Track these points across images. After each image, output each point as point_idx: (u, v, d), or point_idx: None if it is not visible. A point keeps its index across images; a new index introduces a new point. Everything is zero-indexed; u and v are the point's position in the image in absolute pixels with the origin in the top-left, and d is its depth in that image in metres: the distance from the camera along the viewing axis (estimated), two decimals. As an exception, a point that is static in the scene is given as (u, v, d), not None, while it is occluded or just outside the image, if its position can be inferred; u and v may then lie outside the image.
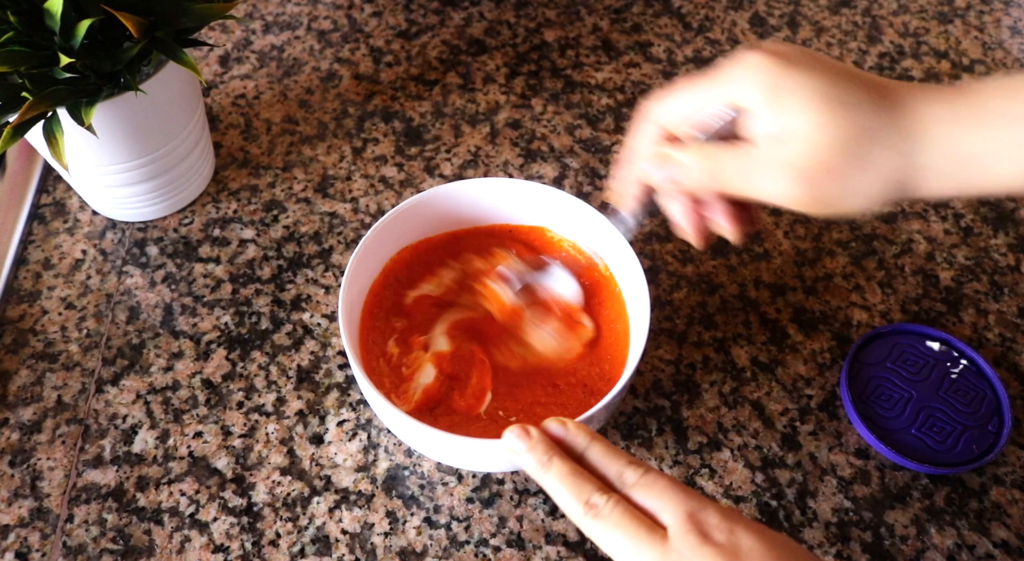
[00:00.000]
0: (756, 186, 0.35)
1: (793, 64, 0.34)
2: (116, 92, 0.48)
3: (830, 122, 0.33)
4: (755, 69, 0.35)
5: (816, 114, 0.33)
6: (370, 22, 0.73)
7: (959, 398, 0.50)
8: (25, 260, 0.57)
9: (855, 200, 0.34)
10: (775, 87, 0.34)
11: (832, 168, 0.34)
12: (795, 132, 0.34)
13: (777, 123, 0.34)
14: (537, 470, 0.35)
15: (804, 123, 0.33)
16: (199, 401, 0.50)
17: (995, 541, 0.46)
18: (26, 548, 0.45)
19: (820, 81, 0.34)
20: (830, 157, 0.33)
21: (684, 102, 0.37)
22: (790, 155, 0.34)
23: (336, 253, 0.57)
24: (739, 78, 0.35)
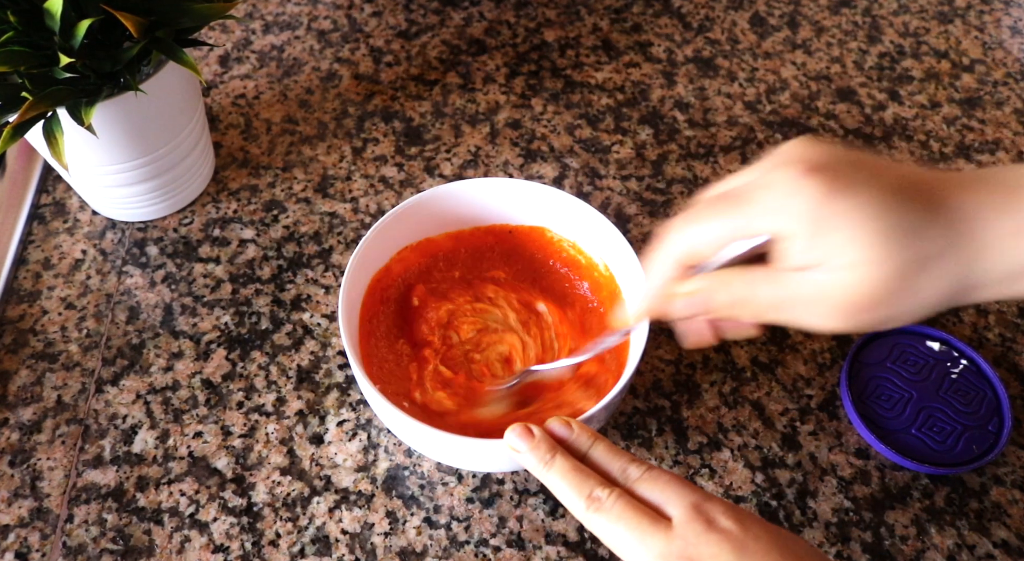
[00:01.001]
0: (790, 316, 0.32)
1: (838, 187, 0.30)
2: (116, 92, 0.48)
3: (881, 255, 0.30)
4: (794, 196, 0.30)
5: (865, 248, 0.30)
6: (370, 22, 0.73)
7: (959, 398, 0.50)
8: (25, 260, 0.57)
9: (901, 321, 0.32)
10: (818, 218, 0.30)
11: (881, 302, 0.31)
12: (841, 266, 0.30)
13: (820, 255, 0.30)
14: (539, 468, 0.35)
15: (852, 257, 0.30)
16: (199, 401, 0.50)
17: (995, 541, 0.46)
18: (26, 548, 0.45)
19: (872, 207, 0.30)
20: (879, 292, 0.30)
21: (715, 229, 0.33)
22: (834, 289, 0.31)
23: (336, 253, 0.57)
24: (775, 208, 0.31)
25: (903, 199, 0.30)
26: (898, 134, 0.66)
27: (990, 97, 0.69)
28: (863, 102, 0.68)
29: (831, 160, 0.31)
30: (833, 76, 0.70)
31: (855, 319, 0.31)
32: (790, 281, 0.32)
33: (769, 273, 0.32)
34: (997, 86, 0.70)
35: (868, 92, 0.69)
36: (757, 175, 0.33)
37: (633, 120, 0.66)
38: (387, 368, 0.48)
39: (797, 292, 0.32)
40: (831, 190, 0.30)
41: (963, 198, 0.31)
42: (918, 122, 0.67)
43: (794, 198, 0.30)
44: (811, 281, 0.31)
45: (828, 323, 0.32)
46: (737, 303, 0.33)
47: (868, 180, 0.30)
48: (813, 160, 0.31)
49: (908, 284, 0.30)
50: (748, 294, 0.33)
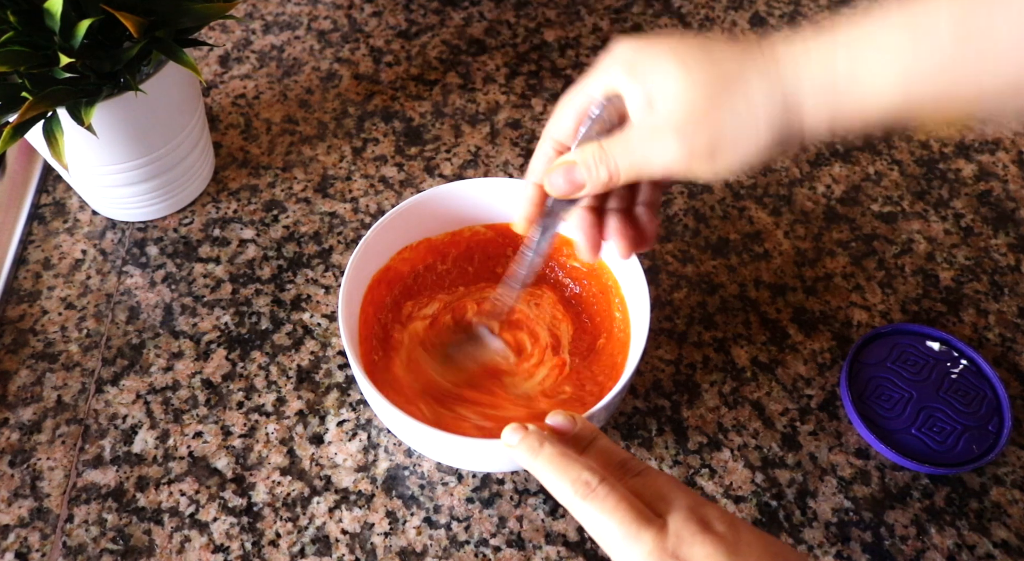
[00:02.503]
0: (641, 159, 0.36)
1: (651, 41, 0.35)
2: (116, 92, 0.48)
3: (690, 75, 0.34)
4: (616, 53, 0.36)
5: (676, 72, 0.34)
6: (370, 22, 0.73)
7: (959, 398, 0.50)
8: (25, 260, 0.56)
9: (742, 143, 0.34)
10: (635, 61, 0.35)
11: (702, 116, 0.34)
12: (659, 94, 0.34)
13: (643, 92, 0.35)
14: (528, 457, 0.35)
15: (666, 83, 0.34)
16: (199, 401, 0.50)
17: (995, 541, 0.46)
18: (26, 548, 0.45)
19: (678, 46, 0.35)
20: (697, 107, 0.34)
21: (568, 110, 0.38)
22: (661, 117, 0.34)
23: (336, 253, 0.57)
24: (603, 66, 0.36)
25: (711, 42, 0.35)
26: (898, 134, 0.66)
27: (990, 97, 0.69)
28: (863, 102, 0.68)
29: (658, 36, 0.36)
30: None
31: (688, 138, 0.34)
32: (631, 128, 0.36)
33: (617, 134, 0.36)
34: (997, 86, 0.70)
35: (868, 92, 0.69)
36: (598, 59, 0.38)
37: (633, 120, 0.66)
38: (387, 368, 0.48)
39: (636, 135, 0.35)
40: (647, 43, 0.35)
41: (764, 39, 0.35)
42: (918, 122, 0.67)
43: (617, 55, 0.36)
44: (643, 120, 0.35)
45: (669, 153, 0.35)
46: (599, 160, 0.37)
47: (682, 37, 0.36)
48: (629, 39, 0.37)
49: (722, 96, 0.34)
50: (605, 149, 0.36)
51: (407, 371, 0.48)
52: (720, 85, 0.34)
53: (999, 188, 0.63)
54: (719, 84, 0.34)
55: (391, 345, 0.49)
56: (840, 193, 0.62)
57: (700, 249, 0.58)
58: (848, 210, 0.61)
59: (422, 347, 0.49)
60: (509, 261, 0.53)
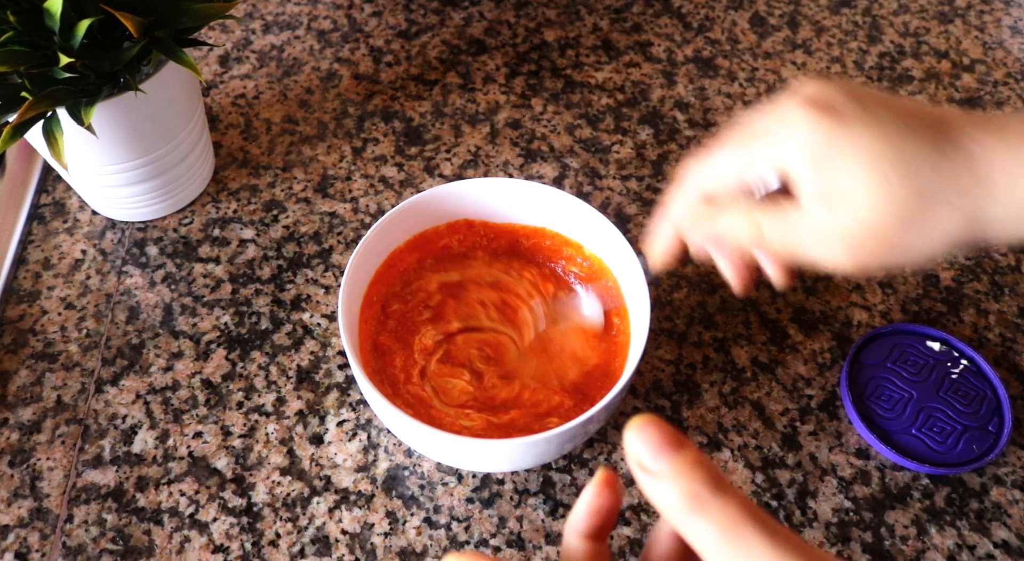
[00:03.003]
0: (801, 251, 0.33)
1: (842, 120, 0.31)
2: (116, 92, 0.48)
3: (885, 189, 0.30)
4: (800, 129, 0.31)
5: (870, 181, 0.30)
6: (370, 22, 0.73)
7: (959, 398, 0.50)
8: (25, 260, 0.56)
9: (913, 259, 0.32)
10: (823, 151, 0.31)
11: (887, 237, 0.31)
12: (846, 200, 0.31)
13: (826, 189, 0.31)
14: None
15: (856, 191, 0.30)
16: (199, 401, 0.50)
17: (995, 541, 0.46)
18: (26, 548, 0.45)
19: (875, 142, 0.30)
20: (885, 226, 0.30)
21: (725, 165, 0.35)
22: (840, 224, 0.31)
23: (336, 253, 0.57)
24: (783, 140, 0.32)
25: (909, 134, 0.30)
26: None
27: (990, 97, 0.69)
28: (863, 102, 0.68)
29: (838, 95, 0.31)
30: (833, 76, 0.70)
31: (863, 255, 0.31)
32: (798, 215, 0.32)
33: (780, 208, 0.33)
34: (997, 86, 0.70)
35: (868, 92, 0.69)
36: (772, 113, 0.33)
37: (633, 120, 0.66)
38: (387, 368, 0.48)
39: (809, 228, 0.32)
40: (835, 127, 0.30)
41: (972, 136, 0.31)
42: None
43: (798, 133, 0.31)
44: (818, 216, 0.31)
45: (837, 259, 0.32)
46: (748, 236, 0.34)
47: (873, 117, 0.31)
48: (820, 96, 0.31)
49: (915, 220, 0.30)
50: (758, 229, 0.33)
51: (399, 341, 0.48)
52: (915, 206, 0.30)
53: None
54: (914, 205, 0.30)
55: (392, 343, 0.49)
56: (840, 193, 0.62)
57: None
58: (848, 210, 0.61)
59: None
60: (508, 262, 0.53)
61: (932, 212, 0.30)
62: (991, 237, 0.31)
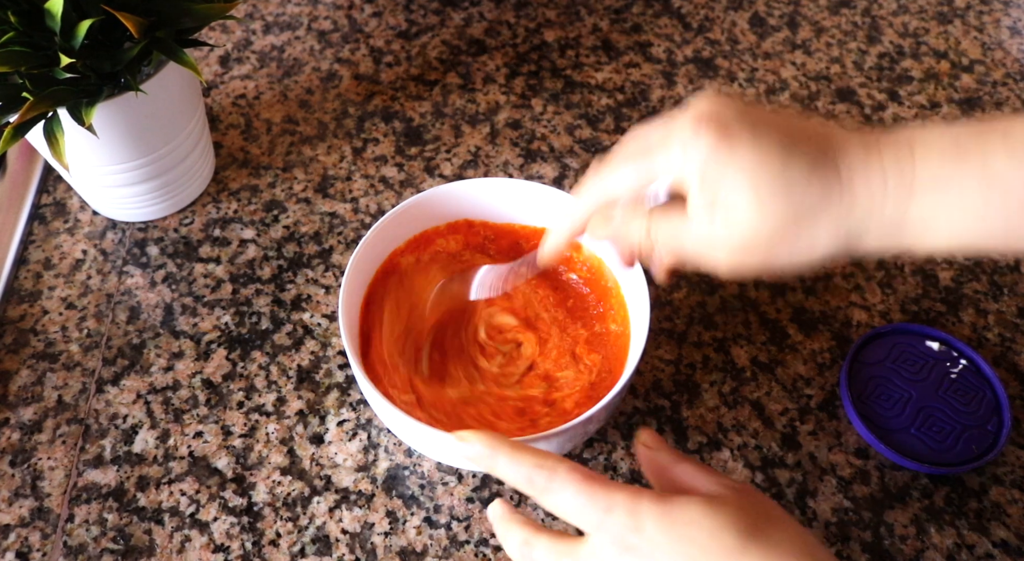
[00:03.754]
0: (685, 253, 0.36)
1: (731, 140, 0.33)
2: (116, 92, 0.48)
3: (764, 205, 0.33)
4: (688, 145, 0.33)
5: (747, 197, 0.33)
6: (370, 22, 0.73)
7: (958, 398, 0.50)
8: (26, 260, 0.57)
9: (791, 266, 0.35)
10: (709, 165, 0.33)
11: (765, 247, 0.34)
12: (727, 212, 0.33)
13: (709, 200, 0.34)
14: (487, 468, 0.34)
15: (735, 205, 0.33)
16: (199, 401, 0.50)
17: (994, 541, 0.46)
18: (27, 548, 0.45)
19: (757, 159, 0.33)
20: (759, 238, 0.33)
21: (623, 177, 0.37)
22: (721, 233, 0.34)
23: (336, 253, 0.58)
24: (675, 154, 0.34)
25: (788, 154, 0.33)
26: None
27: (989, 97, 0.69)
28: (863, 102, 0.69)
29: (726, 113, 0.34)
30: (833, 76, 0.70)
31: (739, 260, 0.34)
32: (688, 225, 0.35)
33: (674, 215, 0.36)
34: (996, 86, 0.70)
35: (868, 92, 0.69)
36: (665, 127, 0.35)
37: (633, 120, 0.66)
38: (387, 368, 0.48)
39: (694, 233, 0.35)
40: (720, 143, 0.33)
41: (848, 154, 0.33)
42: (917, 122, 0.67)
43: (688, 149, 0.33)
44: (702, 224, 0.34)
45: (717, 263, 0.35)
46: (639, 237, 0.37)
47: (757, 134, 0.33)
48: (710, 112, 0.34)
49: (791, 230, 0.33)
50: (651, 230, 0.37)
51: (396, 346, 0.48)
52: (790, 221, 0.33)
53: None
54: (789, 221, 0.33)
55: None
56: (840, 193, 0.62)
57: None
58: (848, 210, 0.61)
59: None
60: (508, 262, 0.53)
61: (803, 226, 0.33)
62: (863, 249, 0.34)
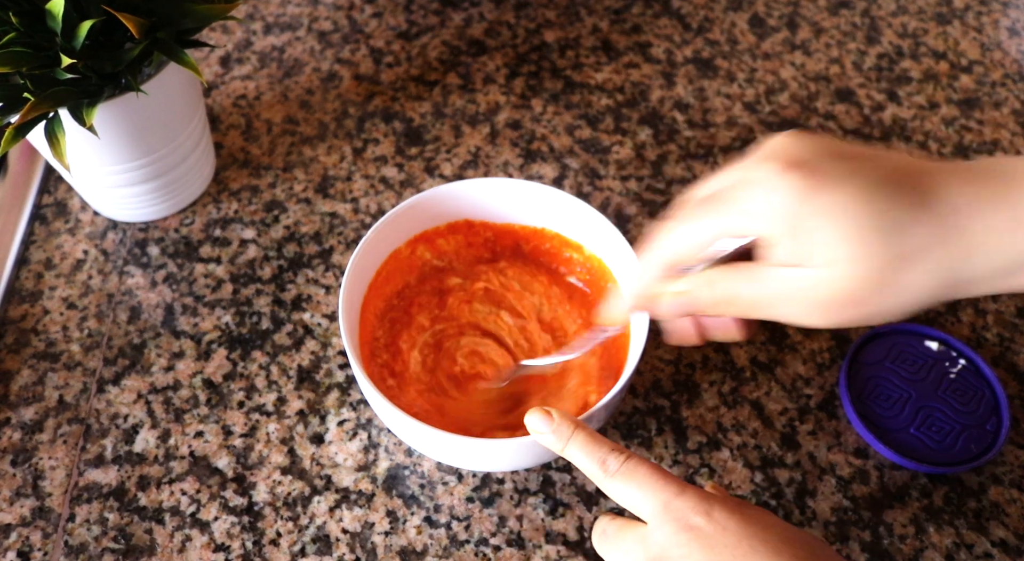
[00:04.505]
0: (770, 312, 0.32)
1: (819, 185, 0.29)
2: (117, 93, 0.48)
3: (861, 253, 0.29)
4: (772, 195, 0.30)
5: (845, 246, 0.29)
6: (370, 23, 0.73)
7: (958, 398, 0.51)
8: (27, 260, 0.57)
9: (886, 318, 0.31)
10: (798, 216, 0.29)
11: (864, 299, 0.30)
12: (822, 264, 0.30)
13: (801, 253, 0.30)
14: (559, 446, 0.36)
15: (832, 256, 0.29)
16: (200, 401, 0.50)
17: (993, 540, 0.46)
18: (28, 547, 0.45)
19: (850, 204, 0.29)
20: (862, 288, 0.30)
21: (698, 231, 0.33)
22: (814, 285, 0.30)
23: (336, 253, 0.58)
24: (757, 206, 0.31)
25: (887, 193, 0.29)
26: (896, 135, 0.66)
27: (988, 98, 0.70)
28: (862, 103, 0.69)
29: (811, 154, 0.30)
30: (832, 77, 0.71)
31: (838, 316, 0.31)
32: (773, 279, 0.31)
33: (753, 271, 0.32)
34: (995, 87, 0.70)
35: (867, 93, 0.69)
36: (740, 174, 0.32)
37: (633, 120, 0.66)
38: (387, 367, 0.48)
39: (780, 290, 0.31)
40: (809, 187, 0.29)
41: (953, 189, 0.30)
42: (916, 123, 0.67)
43: (772, 197, 0.30)
44: (793, 279, 0.31)
45: (812, 320, 0.31)
46: (721, 302, 0.33)
47: (849, 174, 0.30)
48: (793, 155, 0.30)
49: (892, 281, 0.30)
50: (732, 293, 0.32)
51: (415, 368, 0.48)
52: (890, 269, 0.29)
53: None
54: (890, 268, 0.29)
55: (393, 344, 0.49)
56: (839, 193, 0.62)
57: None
58: (847, 210, 0.61)
59: None
60: (508, 262, 0.53)
61: (910, 272, 0.30)
62: (969, 292, 0.31)
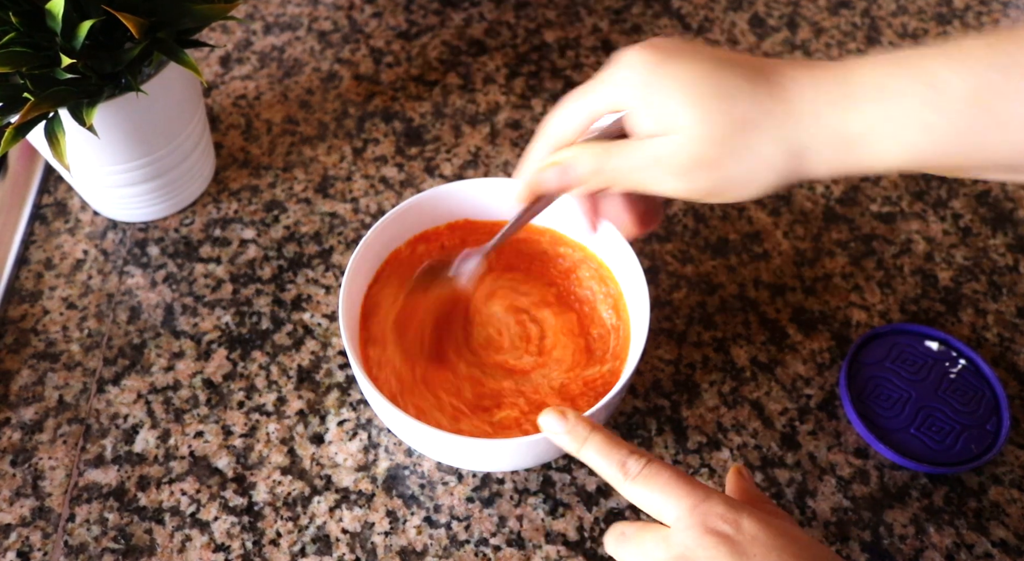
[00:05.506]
0: (640, 180, 0.36)
1: (667, 58, 0.34)
2: (117, 93, 0.48)
3: (705, 115, 0.33)
4: (630, 68, 0.35)
5: (690, 108, 0.33)
6: (370, 23, 0.73)
7: (958, 398, 0.51)
8: (27, 260, 0.57)
9: (744, 187, 0.35)
10: (649, 84, 0.34)
11: (712, 161, 0.34)
12: (671, 128, 0.34)
13: (653, 119, 0.34)
14: (575, 447, 0.36)
15: (679, 118, 0.34)
16: (200, 401, 0.50)
17: (993, 540, 0.46)
18: (28, 547, 0.45)
19: (694, 73, 0.34)
20: (708, 150, 0.34)
21: (571, 114, 0.38)
22: (669, 151, 0.34)
23: (336, 253, 0.58)
24: (616, 80, 0.35)
25: (724, 69, 0.34)
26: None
27: (989, 98, 0.70)
28: (862, 103, 0.69)
29: (669, 43, 0.35)
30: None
31: (694, 181, 0.35)
32: (635, 147, 0.35)
33: (619, 143, 0.36)
34: (996, 87, 0.70)
35: (867, 93, 0.69)
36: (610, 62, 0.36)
37: (633, 121, 0.66)
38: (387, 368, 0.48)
39: (641, 158, 0.35)
40: (661, 61, 0.34)
41: (784, 72, 0.34)
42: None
43: (630, 71, 0.35)
44: (651, 146, 0.35)
45: (673, 186, 0.35)
46: (595, 171, 0.37)
47: (693, 54, 0.34)
48: (653, 43, 0.35)
49: (735, 145, 0.33)
50: (600, 162, 0.36)
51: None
52: (732, 132, 0.33)
53: (997, 188, 0.63)
54: (731, 131, 0.33)
55: None
56: (839, 193, 0.62)
57: (699, 249, 0.58)
58: (847, 210, 0.61)
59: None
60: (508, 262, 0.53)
61: (751, 139, 0.33)
62: (811, 169, 0.34)
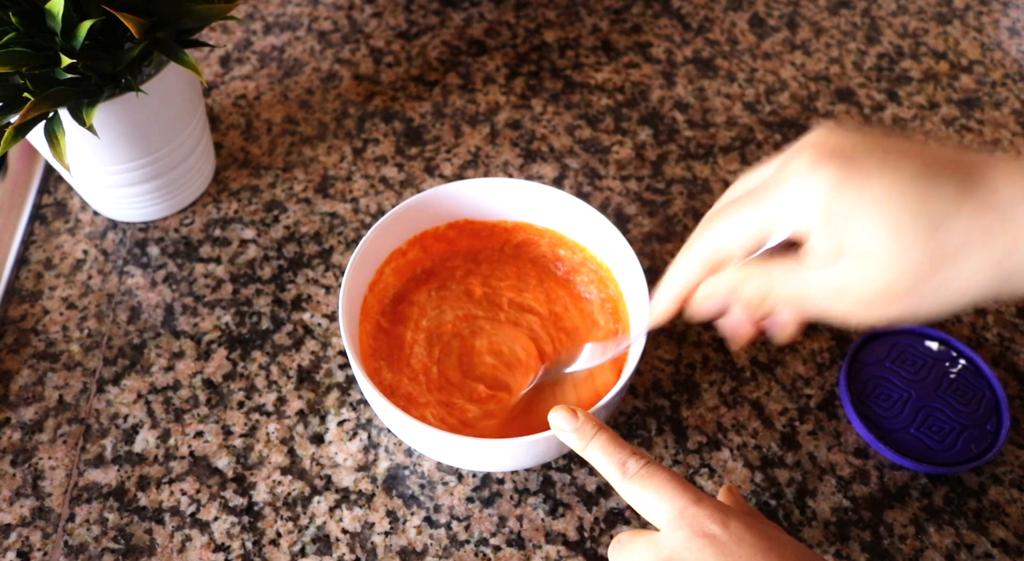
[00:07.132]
0: (815, 309, 0.31)
1: (855, 171, 0.29)
2: (117, 92, 0.48)
3: (907, 245, 0.28)
4: (807, 186, 0.29)
5: (889, 237, 0.28)
6: (370, 23, 0.73)
7: (958, 398, 0.51)
8: (26, 260, 0.57)
9: (938, 312, 0.30)
10: (834, 204, 0.29)
11: (909, 291, 0.29)
12: (862, 255, 0.29)
13: (837, 243, 0.29)
14: (580, 445, 0.37)
15: (873, 247, 0.28)
16: (200, 401, 0.50)
17: (993, 540, 0.46)
18: (28, 547, 0.45)
19: (891, 193, 0.28)
20: (907, 281, 0.29)
21: (738, 227, 0.32)
22: (858, 280, 0.29)
23: (336, 253, 0.58)
24: (793, 195, 0.30)
25: (926, 182, 0.28)
26: (897, 135, 0.66)
27: (988, 98, 0.70)
28: (862, 103, 0.69)
29: (847, 145, 0.29)
30: (832, 77, 0.71)
31: (880, 311, 0.30)
32: (811, 274, 0.30)
33: (792, 266, 0.31)
34: (995, 87, 0.70)
35: (867, 93, 0.69)
36: (777, 167, 0.32)
37: (633, 120, 0.66)
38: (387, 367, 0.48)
39: (819, 285, 0.30)
40: (844, 177, 0.29)
41: (998, 179, 0.28)
42: (917, 123, 0.67)
43: (807, 189, 0.29)
44: (831, 273, 0.30)
45: (854, 315, 0.31)
46: (758, 297, 0.32)
47: (886, 165, 0.29)
48: (829, 146, 0.30)
49: (935, 275, 0.28)
50: (769, 287, 0.32)
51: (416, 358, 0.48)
52: (936, 260, 0.28)
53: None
54: (938, 262, 0.28)
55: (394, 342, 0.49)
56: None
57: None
58: (847, 210, 0.61)
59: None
60: (508, 262, 0.53)
61: (955, 263, 0.28)
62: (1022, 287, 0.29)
